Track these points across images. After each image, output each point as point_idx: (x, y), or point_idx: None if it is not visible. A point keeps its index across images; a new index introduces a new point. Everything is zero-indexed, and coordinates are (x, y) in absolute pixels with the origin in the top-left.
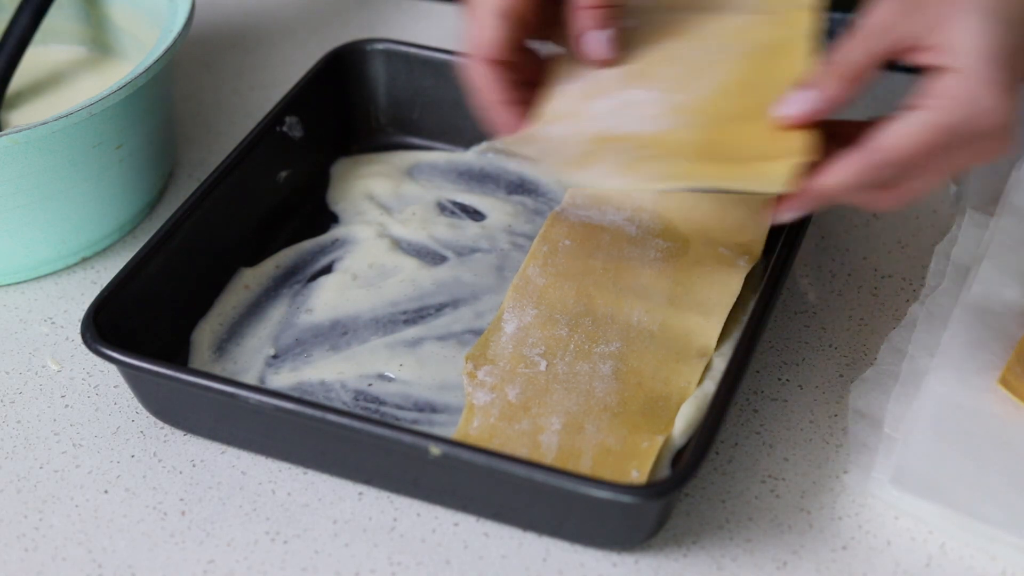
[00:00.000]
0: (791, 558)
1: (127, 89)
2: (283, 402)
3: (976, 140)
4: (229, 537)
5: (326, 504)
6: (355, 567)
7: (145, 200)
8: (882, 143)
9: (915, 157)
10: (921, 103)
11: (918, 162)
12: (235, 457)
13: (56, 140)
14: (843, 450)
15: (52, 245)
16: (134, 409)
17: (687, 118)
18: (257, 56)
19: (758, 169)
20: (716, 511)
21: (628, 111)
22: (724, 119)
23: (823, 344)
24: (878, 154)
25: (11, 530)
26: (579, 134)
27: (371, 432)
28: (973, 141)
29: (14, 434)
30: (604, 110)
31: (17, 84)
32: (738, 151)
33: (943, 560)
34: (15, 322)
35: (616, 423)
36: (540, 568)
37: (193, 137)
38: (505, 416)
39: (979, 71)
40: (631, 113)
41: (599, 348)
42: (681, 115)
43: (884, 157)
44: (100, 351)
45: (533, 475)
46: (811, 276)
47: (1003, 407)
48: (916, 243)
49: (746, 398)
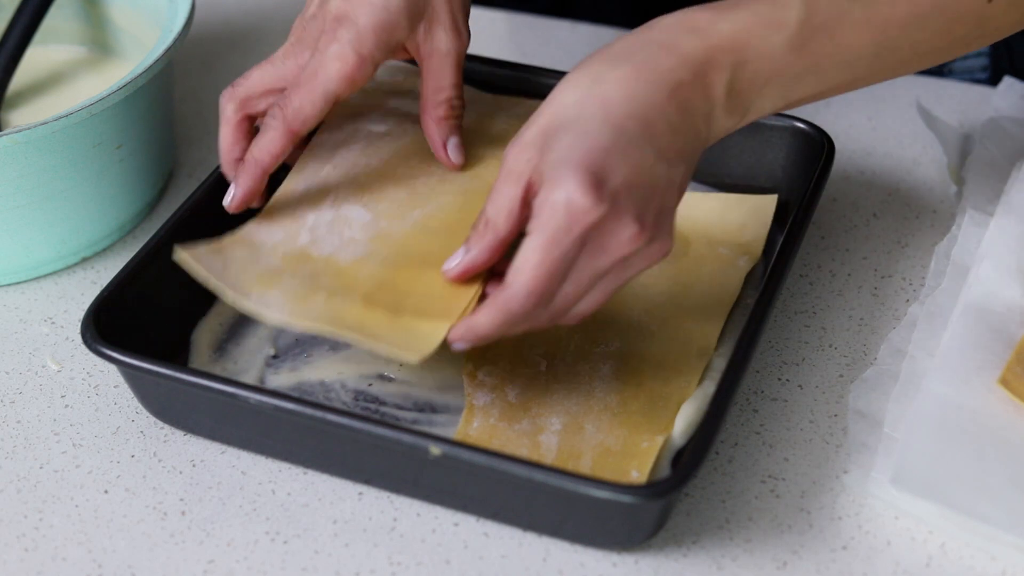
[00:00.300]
0: (791, 558)
1: (127, 89)
2: (283, 402)
3: (602, 239)
4: (229, 537)
5: (326, 504)
6: (355, 567)
7: (145, 200)
8: (509, 280)
9: (546, 279)
10: (529, 227)
11: (554, 282)
12: (235, 457)
13: (56, 140)
14: (843, 450)
15: (52, 245)
16: (134, 409)
17: (382, 250)
18: (257, 56)
19: (411, 329)
20: (716, 511)
21: (337, 229)
22: (415, 259)
23: (823, 344)
24: (509, 291)
25: (11, 530)
26: (280, 245)
27: (371, 432)
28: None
29: (14, 434)
30: (319, 221)
31: (17, 84)
32: (405, 300)
33: (943, 560)
34: (15, 322)
35: (616, 423)
36: (540, 568)
37: (193, 137)
38: (505, 416)
39: (561, 176)
40: (338, 232)
41: (599, 348)
42: (378, 245)
43: (516, 292)
44: (100, 351)
45: (533, 475)
46: (811, 276)
47: (1003, 407)
48: (916, 243)
49: (746, 398)
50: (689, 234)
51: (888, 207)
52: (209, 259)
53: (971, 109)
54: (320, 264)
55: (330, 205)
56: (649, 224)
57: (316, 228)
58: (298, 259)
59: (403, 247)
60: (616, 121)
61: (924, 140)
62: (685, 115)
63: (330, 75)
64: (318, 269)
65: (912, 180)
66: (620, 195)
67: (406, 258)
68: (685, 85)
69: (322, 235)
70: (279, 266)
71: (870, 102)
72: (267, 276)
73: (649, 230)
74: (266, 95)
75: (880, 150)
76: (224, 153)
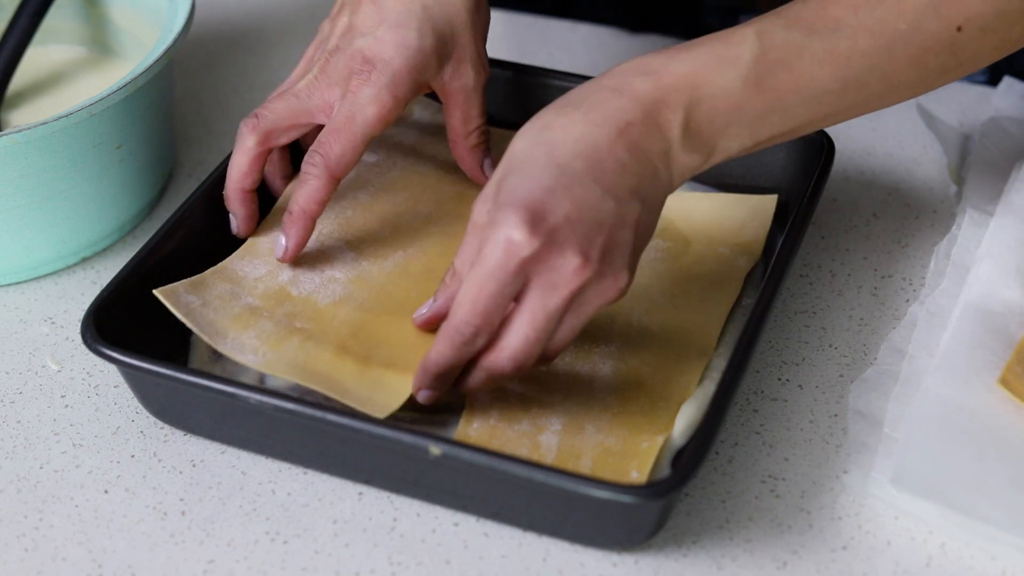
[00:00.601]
0: (791, 558)
1: (127, 89)
2: (283, 402)
3: (548, 275)
4: (229, 537)
5: (326, 504)
6: (355, 567)
7: (145, 200)
8: (451, 311)
9: (484, 310)
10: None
11: (493, 314)
12: (235, 457)
13: (56, 140)
14: (843, 450)
15: (52, 245)
16: (134, 409)
17: (360, 293)
18: (257, 56)
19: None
20: (716, 511)
21: (319, 265)
22: (391, 304)
23: (823, 344)
24: (450, 320)
25: (11, 530)
26: (261, 280)
27: (371, 432)
28: (545, 277)
29: (14, 434)
30: (302, 256)
31: (17, 84)
32: (376, 350)
33: (943, 560)
34: (15, 322)
35: (616, 423)
36: (540, 568)
37: (193, 137)
38: (505, 417)
39: (502, 216)
40: (320, 268)
41: (599, 348)
42: (357, 287)
43: (454, 321)
44: (100, 351)
45: (533, 475)
46: (811, 276)
47: (1003, 407)
48: (916, 243)
49: (746, 398)
50: (689, 234)
51: (888, 207)
52: (188, 297)
53: (971, 109)
54: (298, 304)
55: (314, 238)
56: (595, 258)
57: (299, 263)
58: (277, 298)
59: (381, 291)
60: (561, 161)
61: (924, 140)
62: (637, 153)
63: (368, 120)
64: (295, 310)
65: (912, 180)
66: (560, 230)
67: (382, 304)
68: (635, 124)
69: (303, 271)
70: (257, 305)
71: None
72: (244, 316)
73: (595, 264)
74: (290, 129)
75: (880, 150)
76: (234, 181)
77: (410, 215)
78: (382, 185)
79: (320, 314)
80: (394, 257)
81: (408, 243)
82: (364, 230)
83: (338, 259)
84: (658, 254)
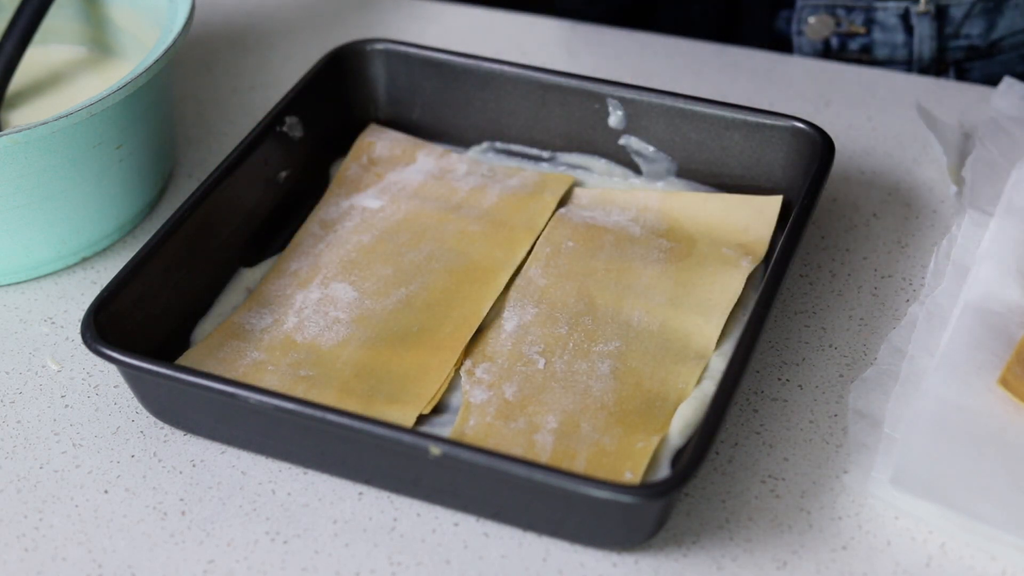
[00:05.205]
0: (791, 558)
1: (127, 89)
2: (283, 402)
3: None
4: (229, 537)
5: (326, 504)
6: (355, 567)
7: (145, 200)
8: None
9: None
10: None
11: None
12: (235, 457)
13: (56, 140)
14: (843, 450)
15: (52, 245)
16: (134, 409)
17: (363, 332)
18: (257, 56)
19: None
20: (716, 511)
21: (323, 308)
22: (393, 338)
23: (823, 344)
24: None
25: (11, 530)
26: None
27: (371, 432)
28: None
29: (14, 434)
30: (307, 301)
31: (17, 84)
32: (379, 386)
33: (943, 560)
34: (15, 322)
35: (612, 423)
36: (540, 568)
37: (193, 137)
38: (501, 415)
39: None
40: (324, 311)
41: (598, 347)
42: (360, 327)
43: None
44: (100, 351)
45: (534, 475)
46: (811, 276)
47: (1003, 407)
48: (916, 243)
49: (746, 398)
50: (694, 234)
51: (888, 207)
52: (201, 361)
53: (971, 109)
54: (303, 352)
55: (319, 283)
56: None
57: (303, 309)
58: (282, 348)
59: (383, 327)
60: None
61: (924, 140)
62: None
63: None
64: (300, 358)
65: (912, 180)
66: None
67: (385, 339)
68: None
69: (308, 316)
70: (263, 359)
71: (870, 102)
72: (250, 373)
73: None
74: None
75: (880, 150)
76: None
77: (413, 253)
78: (385, 228)
79: (324, 358)
80: (396, 294)
81: (410, 280)
82: (368, 271)
83: (342, 300)
84: (662, 254)
